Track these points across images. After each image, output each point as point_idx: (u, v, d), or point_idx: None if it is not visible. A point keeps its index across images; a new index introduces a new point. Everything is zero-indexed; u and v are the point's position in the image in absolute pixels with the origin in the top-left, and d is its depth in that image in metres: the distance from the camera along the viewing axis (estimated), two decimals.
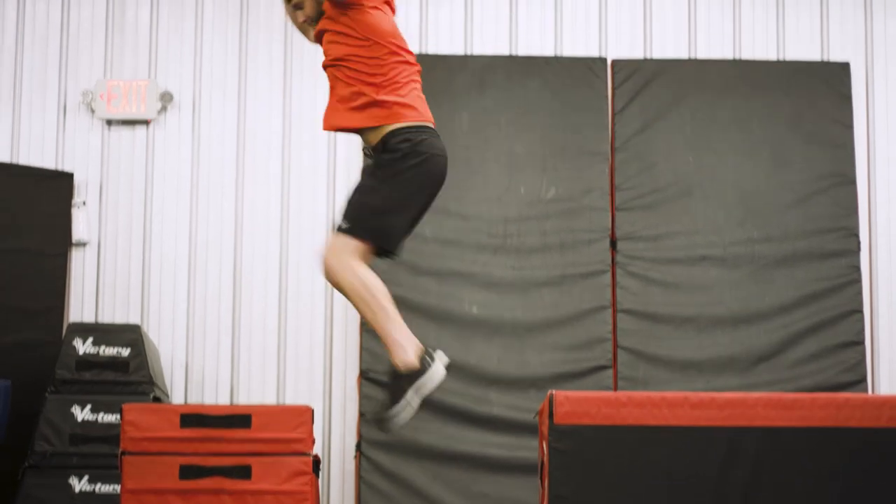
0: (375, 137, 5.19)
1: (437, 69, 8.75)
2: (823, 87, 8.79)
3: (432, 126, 5.25)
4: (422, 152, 5.13)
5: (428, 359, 5.07)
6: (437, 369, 5.07)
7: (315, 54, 8.78)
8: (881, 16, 8.99)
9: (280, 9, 8.90)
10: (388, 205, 5.13)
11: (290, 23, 5.99)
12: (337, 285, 5.18)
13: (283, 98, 8.89)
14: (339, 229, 5.11)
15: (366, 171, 5.32)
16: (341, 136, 8.78)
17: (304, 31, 5.58)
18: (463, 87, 8.77)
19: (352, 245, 5.11)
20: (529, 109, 8.76)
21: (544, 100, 8.76)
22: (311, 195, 8.83)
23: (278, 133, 8.87)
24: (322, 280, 8.67)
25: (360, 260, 5.13)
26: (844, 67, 8.83)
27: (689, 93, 8.81)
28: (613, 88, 8.78)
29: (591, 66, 8.80)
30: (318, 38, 5.45)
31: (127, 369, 7.92)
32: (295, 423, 5.89)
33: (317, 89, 8.66)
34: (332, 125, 5.34)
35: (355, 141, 8.78)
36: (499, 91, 8.78)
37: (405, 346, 5.07)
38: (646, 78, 8.79)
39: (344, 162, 8.79)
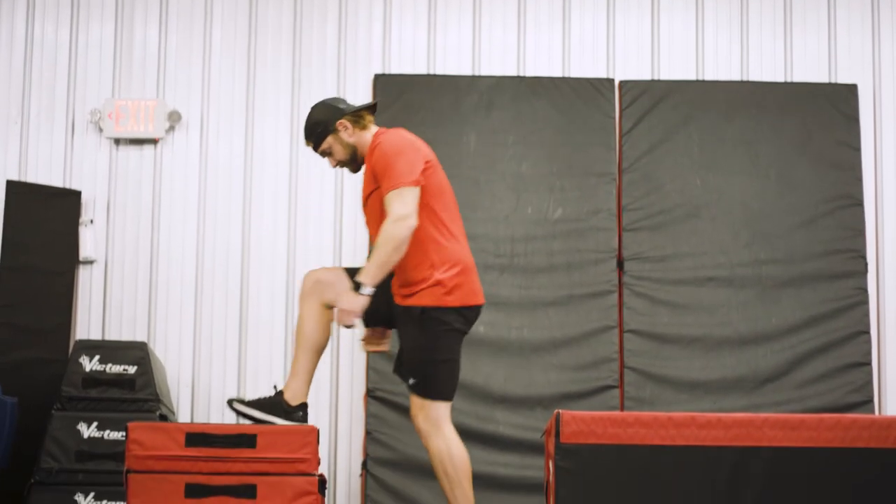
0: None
1: (445, 90, 8.78)
2: (831, 109, 8.80)
3: None
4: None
5: (300, 413, 6.03)
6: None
7: (323, 74, 8.84)
8: (889, 37, 9.00)
9: (288, 30, 8.94)
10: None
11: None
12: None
13: (290, 118, 8.90)
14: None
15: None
16: None
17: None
18: (470, 107, 8.79)
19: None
20: (537, 130, 8.77)
21: (552, 120, 8.78)
22: (317, 214, 8.83)
23: (286, 152, 8.88)
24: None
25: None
26: (852, 89, 8.84)
27: (697, 114, 8.82)
28: (621, 109, 8.79)
29: (598, 87, 8.81)
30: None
31: (133, 387, 7.92)
32: (300, 443, 5.87)
33: None
34: None
35: None
36: (506, 112, 8.79)
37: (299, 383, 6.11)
38: (653, 99, 8.81)
39: (351, 179, 8.78)
